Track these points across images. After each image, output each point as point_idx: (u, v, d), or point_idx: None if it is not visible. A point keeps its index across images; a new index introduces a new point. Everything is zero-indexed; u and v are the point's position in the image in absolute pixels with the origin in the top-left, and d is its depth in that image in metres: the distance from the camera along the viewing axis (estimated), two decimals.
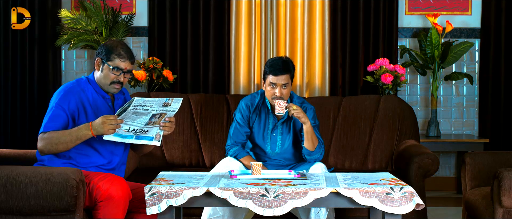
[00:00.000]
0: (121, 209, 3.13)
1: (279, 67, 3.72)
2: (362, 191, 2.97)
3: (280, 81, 3.72)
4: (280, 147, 3.89)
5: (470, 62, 5.83)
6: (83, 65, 5.78)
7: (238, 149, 3.86)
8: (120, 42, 3.37)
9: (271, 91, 3.76)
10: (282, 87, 3.73)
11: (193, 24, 5.62)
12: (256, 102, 3.91)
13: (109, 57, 3.30)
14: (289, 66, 3.76)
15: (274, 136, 3.89)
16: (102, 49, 3.33)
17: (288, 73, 3.75)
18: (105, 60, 3.30)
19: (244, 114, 3.90)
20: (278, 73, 3.72)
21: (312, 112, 3.89)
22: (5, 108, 5.55)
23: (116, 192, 3.11)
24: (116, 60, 3.30)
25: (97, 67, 3.34)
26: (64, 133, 3.20)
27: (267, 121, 3.89)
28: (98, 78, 3.35)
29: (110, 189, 3.11)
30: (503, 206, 3.37)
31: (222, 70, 5.64)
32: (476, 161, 3.90)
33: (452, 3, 5.78)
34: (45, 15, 5.55)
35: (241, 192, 2.96)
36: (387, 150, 4.52)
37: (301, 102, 3.92)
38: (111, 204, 3.12)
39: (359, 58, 5.65)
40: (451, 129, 5.85)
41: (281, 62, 3.75)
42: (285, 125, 3.89)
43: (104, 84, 3.33)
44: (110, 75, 3.31)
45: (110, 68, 3.30)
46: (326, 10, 5.61)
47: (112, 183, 3.13)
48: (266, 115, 3.90)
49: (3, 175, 3.03)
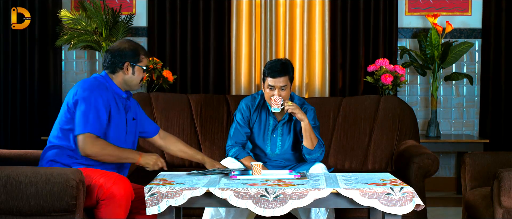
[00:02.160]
0: (123, 208, 3.13)
1: (277, 69, 3.72)
2: (362, 191, 2.97)
3: (278, 83, 3.73)
4: (280, 148, 3.89)
5: (470, 62, 5.83)
6: (83, 66, 5.78)
7: (239, 150, 3.86)
8: (133, 42, 3.46)
9: (270, 93, 3.77)
10: (280, 89, 3.74)
11: (193, 24, 5.62)
12: (257, 103, 3.92)
13: (138, 59, 3.41)
14: (287, 69, 3.76)
15: (274, 137, 3.89)
16: (127, 53, 3.39)
17: (287, 76, 3.75)
18: (135, 63, 3.40)
19: (244, 114, 3.90)
20: (276, 75, 3.72)
21: (313, 113, 3.89)
22: (5, 108, 5.55)
23: (118, 191, 3.11)
24: (144, 60, 3.43)
25: (127, 71, 3.39)
26: (119, 149, 3.29)
27: (267, 121, 3.90)
28: (128, 80, 3.41)
29: (113, 188, 3.12)
30: (503, 206, 3.37)
31: (222, 71, 5.64)
32: (476, 161, 3.90)
33: (452, 4, 5.79)
34: (45, 15, 5.55)
35: (241, 193, 2.96)
36: (387, 150, 4.52)
37: (302, 103, 3.92)
38: (113, 203, 3.12)
39: (359, 59, 5.65)
40: (451, 129, 5.86)
41: (280, 64, 3.75)
42: (286, 126, 3.89)
43: (133, 85, 3.43)
44: (141, 75, 3.43)
45: (142, 69, 3.42)
46: (326, 11, 5.61)
47: (115, 181, 3.14)
48: (267, 115, 3.90)
49: (3, 175, 3.03)
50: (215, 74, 5.64)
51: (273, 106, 3.70)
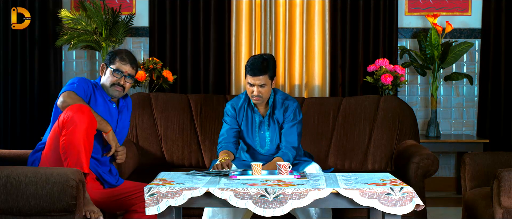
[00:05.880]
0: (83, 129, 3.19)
1: (257, 68, 3.77)
2: (362, 191, 2.97)
3: (257, 82, 3.79)
4: (270, 143, 3.91)
5: (470, 62, 5.83)
6: (83, 66, 5.78)
7: (224, 144, 3.88)
8: (125, 50, 3.60)
9: (250, 89, 3.83)
10: (259, 86, 3.79)
11: (193, 24, 5.62)
12: (241, 103, 3.96)
13: (112, 61, 3.52)
14: (267, 67, 3.78)
15: (262, 132, 3.92)
16: (108, 56, 3.56)
17: (266, 74, 3.78)
18: (109, 64, 3.52)
19: (231, 115, 3.95)
20: (256, 74, 3.77)
21: (294, 109, 3.90)
22: (5, 108, 5.55)
23: (79, 118, 3.19)
24: (117, 63, 3.51)
25: (102, 71, 3.55)
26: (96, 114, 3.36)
27: (253, 119, 3.93)
28: (103, 82, 3.54)
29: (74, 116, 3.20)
30: (503, 206, 3.37)
31: (223, 71, 5.64)
32: (476, 161, 3.90)
33: (451, 4, 5.79)
34: (46, 15, 5.55)
35: (241, 193, 2.96)
36: (387, 150, 4.52)
37: (284, 98, 3.93)
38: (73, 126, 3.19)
39: (358, 59, 5.65)
40: (450, 129, 5.86)
41: (260, 62, 3.78)
42: (271, 120, 3.91)
43: (107, 87, 3.52)
44: (111, 77, 3.50)
45: (112, 71, 3.50)
46: (326, 11, 5.61)
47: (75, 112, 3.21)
48: (251, 113, 3.94)
49: (3, 175, 3.03)
50: (215, 74, 5.64)
51: (282, 173, 3.40)
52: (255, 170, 3.31)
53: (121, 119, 3.59)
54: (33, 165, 3.39)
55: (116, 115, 3.56)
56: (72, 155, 3.17)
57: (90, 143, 3.22)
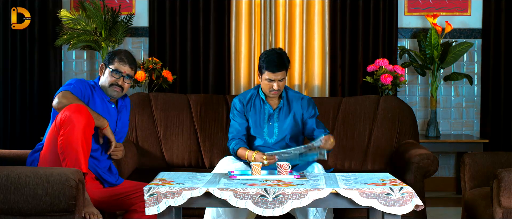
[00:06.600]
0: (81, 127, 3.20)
1: (275, 64, 3.81)
2: (361, 191, 2.97)
3: (278, 77, 3.84)
4: (277, 134, 3.92)
5: (470, 62, 5.83)
6: (83, 66, 5.77)
7: (238, 141, 3.90)
8: (124, 50, 3.60)
9: (268, 85, 3.86)
10: (278, 81, 3.85)
11: (193, 24, 5.62)
12: (249, 96, 3.99)
13: (111, 61, 3.52)
14: (284, 62, 3.85)
15: (270, 124, 3.93)
16: (107, 56, 3.57)
17: (284, 69, 3.85)
18: (107, 65, 3.53)
19: (239, 108, 3.96)
20: (275, 70, 3.81)
21: (313, 104, 3.99)
22: (4, 108, 5.55)
23: (76, 118, 3.19)
24: (116, 64, 3.51)
25: (101, 71, 3.56)
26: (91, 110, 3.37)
27: (262, 110, 3.95)
28: (101, 82, 3.55)
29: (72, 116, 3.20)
30: (503, 206, 3.37)
31: (222, 71, 5.64)
32: (476, 161, 3.91)
33: (451, 4, 5.79)
34: (45, 15, 5.54)
35: (240, 193, 2.96)
36: (386, 150, 4.52)
37: (295, 92, 4.02)
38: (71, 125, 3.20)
39: (358, 59, 5.65)
40: (450, 129, 5.86)
41: (277, 58, 3.82)
42: (282, 112, 3.93)
43: (105, 88, 3.52)
44: (110, 78, 3.50)
45: (110, 71, 3.50)
46: (326, 11, 5.61)
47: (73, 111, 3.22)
48: (261, 104, 3.95)
49: (3, 175, 3.03)
50: (215, 74, 5.64)
51: (282, 173, 3.40)
52: (255, 170, 3.31)
53: (120, 119, 3.59)
54: (32, 165, 3.38)
55: (115, 115, 3.56)
56: (70, 155, 3.17)
57: (88, 143, 3.22)
